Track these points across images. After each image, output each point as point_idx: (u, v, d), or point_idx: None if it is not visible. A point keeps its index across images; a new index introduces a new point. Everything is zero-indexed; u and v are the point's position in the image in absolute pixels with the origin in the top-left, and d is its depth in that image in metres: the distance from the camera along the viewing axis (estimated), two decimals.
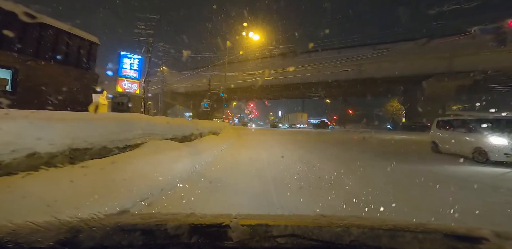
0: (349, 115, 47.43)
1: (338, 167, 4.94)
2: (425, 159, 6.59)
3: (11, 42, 7.48)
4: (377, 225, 0.70)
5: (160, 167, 3.57)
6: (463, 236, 0.63)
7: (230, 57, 24.85)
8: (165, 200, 2.75)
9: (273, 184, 3.54)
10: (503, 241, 0.60)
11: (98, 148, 3.27)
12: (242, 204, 2.72)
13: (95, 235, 0.61)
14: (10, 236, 0.60)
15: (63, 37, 9.04)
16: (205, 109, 25.68)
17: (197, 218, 0.74)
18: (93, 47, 10.37)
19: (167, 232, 0.62)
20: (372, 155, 6.97)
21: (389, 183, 3.68)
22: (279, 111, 73.69)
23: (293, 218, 0.84)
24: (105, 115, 4.63)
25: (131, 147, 3.97)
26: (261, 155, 6.69)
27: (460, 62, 21.96)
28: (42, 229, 0.64)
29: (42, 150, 2.47)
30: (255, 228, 0.65)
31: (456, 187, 3.52)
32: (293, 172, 4.33)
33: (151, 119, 5.06)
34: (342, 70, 26.30)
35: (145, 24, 20.67)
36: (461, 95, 26.62)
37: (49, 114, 3.08)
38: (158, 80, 26.31)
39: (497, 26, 9.78)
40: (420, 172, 4.57)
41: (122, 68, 21.90)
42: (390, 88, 28.81)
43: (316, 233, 0.63)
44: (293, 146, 9.70)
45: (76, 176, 2.50)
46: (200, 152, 5.66)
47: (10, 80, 7.73)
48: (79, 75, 9.71)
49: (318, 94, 40.63)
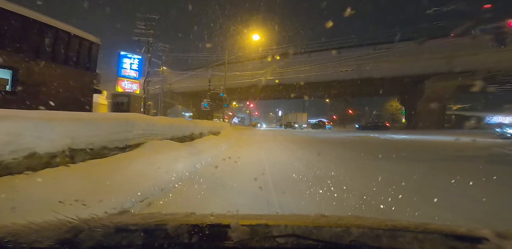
0: (349, 115, 47.43)
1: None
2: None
3: (11, 42, 7.48)
4: (377, 225, 0.70)
5: (160, 167, 3.57)
6: (463, 236, 0.63)
7: (230, 57, 24.87)
8: (165, 200, 2.75)
9: (272, 184, 3.54)
10: (503, 241, 0.60)
11: (98, 148, 3.27)
12: (242, 204, 2.72)
13: (95, 235, 0.61)
14: (10, 236, 0.60)
15: (64, 37, 9.04)
16: (205, 109, 25.71)
17: (197, 218, 0.74)
18: (93, 47, 10.38)
19: (167, 232, 0.62)
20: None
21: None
22: (279, 111, 73.82)
23: (293, 218, 0.84)
24: (105, 115, 4.63)
25: (131, 147, 3.97)
26: (261, 155, 6.71)
27: (460, 62, 21.97)
28: (42, 229, 0.64)
29: (42, 150, 2.48)
30: (255, 228, 0.65)
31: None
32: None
33: (151, 119, 5.06)
34: (342, 70, 26.32)
35: (145, 24, 20.69)
36: (461, 95, 26.64)
37: (49, 114, 3.08)
38: (158, 80, 26.33)
39: (497, 26, 9.77)
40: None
41: (122, 68, 21.92)
42: (390, 88, 28.82)
43: (316, 233, 0.63)
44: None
45: (76, 176, 2.50)
46: (200, 152, 5.66)
47: (10, 80, 7.73)
48: (79, 75, 9.72)
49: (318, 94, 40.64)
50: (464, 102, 32.43)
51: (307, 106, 58.31)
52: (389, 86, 28.06)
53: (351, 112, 47.98)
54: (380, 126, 28.23)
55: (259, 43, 22.86)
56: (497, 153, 7.58)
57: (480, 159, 6.28)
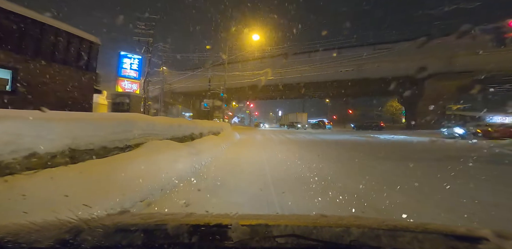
0: (349, 115, 47.42)
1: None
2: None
3: (11, 42, 7.47)
4: (377, 225, 0.70)
5: (160, 167, 3.57)
6: (463, 236, 0.63)
7: (230, 57, 24.86)
8: (165, 200, 2.75)
9: (272, 183, 3.54)
10: (503, 241, 0.60)
11: (98, 148, 3.27)
12: (242, 204, 2.72)
13: (95, 235, 0.61)
14: (10, 236, 0.60)
15: (64, 37, 9.02)
16: (205, 109, 25.72)
17: (197, 218, 0.74)
18: (93, 47, 10.36)
19: (167, 232, 0.62)
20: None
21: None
22: (279, 111, 73.80)
23: (293, 218, 0.84)
24: (105, 115, 4.63)
25: (131, 147, 3.97)
26: (261, 155, 6.71)
27: (460, 62, 21.96)
28: (42, 229, 0.64)
29: (42, 150, 2.47)
30: (255, 228, 0.65)
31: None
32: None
33: (151, 119, 5.05)
34: (342, 70, 26.31)
35: (145, 24, 20.69)
36: (461, 95, 26.63)
37: (49, 114, 3.08)
38: (158, 80, 26.33)
39: (497, 26, 9.76)
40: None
41: (122, 68, 21.91)
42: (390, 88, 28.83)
43: (316, 233, 0.63)
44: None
45: (76, 176, 2.50)
46: (200, 152, 5.66)
47: (10, 80, 7.72)
48: (79, 75, 9.70)
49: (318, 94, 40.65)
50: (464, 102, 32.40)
51: (307, 106, 58.20)
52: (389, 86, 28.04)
53: (351, 112, 47.97)
54: (375, 126, 29.45)
55: (259, 43, 22.87)
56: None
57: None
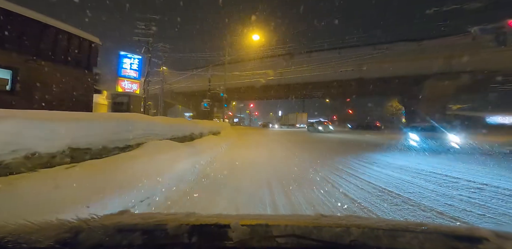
0: (349, 115, 47.42)
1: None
2: None
3: (11, 42, 7.47)
4: (377, 225, 0.70)
5: (160, 167, 3.57)
6: (463, 236, 0.63)
7: (231, 57, 24.85)
8: (165, 200, 2.75)
9: (272, 183, 3.54)
10: (503, 241, 0.60)
11: (98, 148, 3.27)
12: (242, 204, 2.72)
13: (95, 235, 0.61)
14: (10, 236, 0.60)
15: (64, 37, 9.02)
16: (205, 109, 25.70)
17: (197, 218, 0.74)
18: (94, 47, 10.35)
19: (167, 232, 0.62)
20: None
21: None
22: (279, 111, 73.75)
23: (293, 218, 0.84)
24: (105, 115, 4.63)
25: (131, 147, 3.97)
26: (262, 155, 6.71)
27: (460, 62, 21.93)
28: (42, 229, 0.64)
29: (42, 150, 2.47)
30: (255, 228, 0.65)
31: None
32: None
33: (151, 119, 5.06)
34: (342, 70, 26.28)
35: (145, 24, 20.68)
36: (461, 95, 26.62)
37: (49, 114, 3.08)
38: (158, 80, 26.30)
39: (497, 26, 9.76)
40: None
41: (122, 68, 21.87)
42: (390, 88, 28.80)
43: (316, 233, 0.63)
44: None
45: (76, 176, 2.50)
46: (200, 152, 5.66)
47: (10, 80, 7.71)
48: (80, 75, 9.70)
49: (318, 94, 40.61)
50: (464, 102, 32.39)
51: (307, 106, 58.15)
52: (389, 86, 28.01)
53: (351, 112, 47.97)
54: (371, 126, 30.46)
55: (259, 43, 22.86)
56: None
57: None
